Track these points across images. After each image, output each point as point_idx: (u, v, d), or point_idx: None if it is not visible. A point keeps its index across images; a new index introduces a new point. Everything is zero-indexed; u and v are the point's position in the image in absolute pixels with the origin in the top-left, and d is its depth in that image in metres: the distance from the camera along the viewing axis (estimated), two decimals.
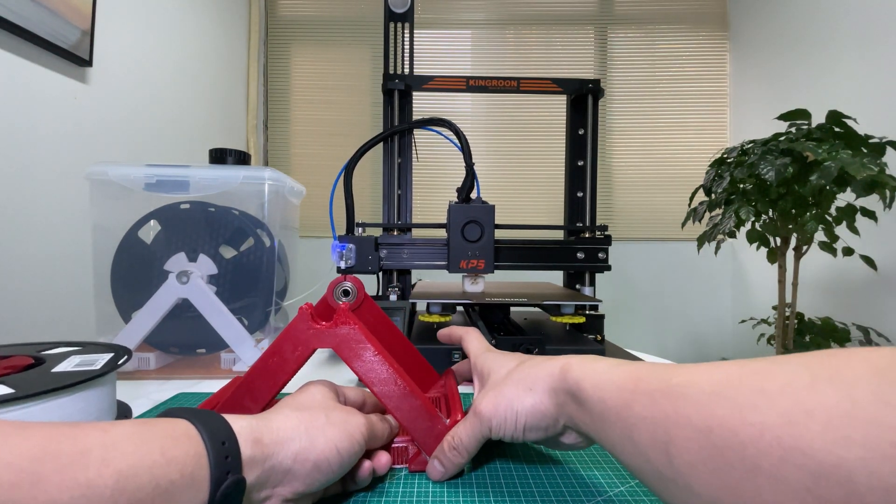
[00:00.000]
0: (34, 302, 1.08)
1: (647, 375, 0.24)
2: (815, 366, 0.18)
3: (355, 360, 0.33)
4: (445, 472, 0.32)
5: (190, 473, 0.20)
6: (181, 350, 0.61)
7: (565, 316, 0.60)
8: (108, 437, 0.19)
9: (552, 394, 0.28)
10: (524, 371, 0.30)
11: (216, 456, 0.22)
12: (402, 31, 0.79)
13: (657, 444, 0.21)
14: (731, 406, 0.19)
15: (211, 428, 0.22)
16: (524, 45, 2.38)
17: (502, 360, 0.34)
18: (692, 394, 0.21)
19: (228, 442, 0.23)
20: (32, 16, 1.04)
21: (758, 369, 0.20)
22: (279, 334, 0.34)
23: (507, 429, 0.29)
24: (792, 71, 1.98)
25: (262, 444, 0.24)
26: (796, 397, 0.17)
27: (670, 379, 0.22)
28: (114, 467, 0.18)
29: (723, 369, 0.21)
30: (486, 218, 0.64)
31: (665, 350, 2.35)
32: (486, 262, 0.64)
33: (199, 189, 0.60)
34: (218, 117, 1.98)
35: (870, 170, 1.09)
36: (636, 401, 0.23)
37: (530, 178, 2.35)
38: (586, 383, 0.26)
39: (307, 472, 0.25)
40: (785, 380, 0.18)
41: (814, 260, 1.53)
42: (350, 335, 0.33)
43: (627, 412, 0.23)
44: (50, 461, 0.17)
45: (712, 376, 0.21)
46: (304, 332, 0.33)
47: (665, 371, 0.23)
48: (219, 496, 0.21)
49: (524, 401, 0.29)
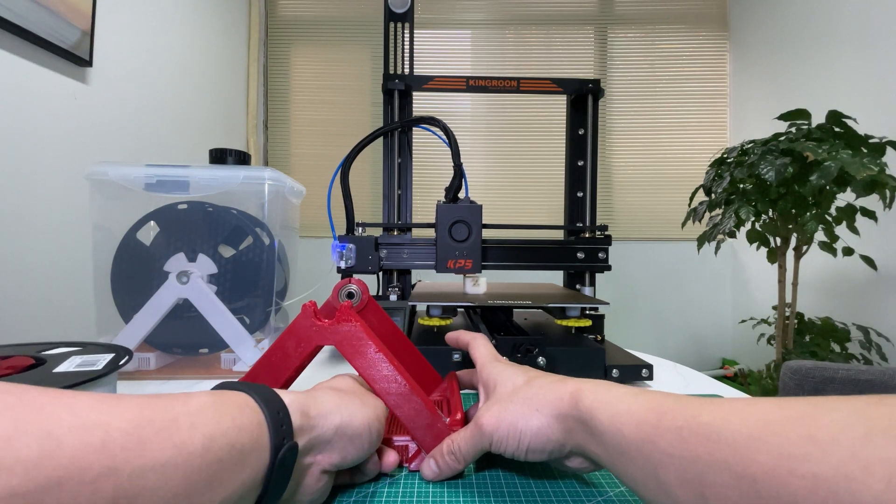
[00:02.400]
0: (34, 302, 1.08)
1: (671, 410, 0.23)
2: (867, 414, 0.17)
3: (357, 357, 0.33)
4: (439, 474, 0.32)
5: (256, 439, 0.23)
6: (184, 350, 0.61)
7: (571, 319, 0.59)
8: (190, 406, 0.21)
9: (560, 419, 0.28)
10: (532, 391, 0.30)
11: (274, 424, 0.24)
12: (402, 31, 0.79)
13: (688, 485, 0.20)
14: (776, 454, 0.18)
15: (267, 399, 0.25)
16: (524, 45, 2.38)
17: (510, 373, 0.33)
18: (727, 436, 0.19)
19: (283, 412, 0.25)
20: (32, 16, 1.04)
21: (801, 413, 0.18)
22: (282, 331, 0.34)
23: (508, 446, 0.29)
24: (792, 71, 1.98)
25: (308, 416, 0.27)
26: (852, 450, 0.16)
27: (698, 416, 0.21)
28: (200, 432, 0.20)
29: (759, 410, 0.20)
30: (474, 217, 0.64)
31: (665, 350, 2.35)
32: (474, 261, 0.64)
33: (199, 189, 0.60)
34: (218, 117, 1.98)
35: (870, 170, 1.09)
36: (660, 437, 0.22)
37: (530, 178, 2.35)
38: (601, 413, 0.25)
39: (343, 445, 0.28)
40: (836, 428, 0.17)
41: (814, 260, 1.53)
42: (352, 332, 0.33)
43: (650, 448, 0.22)
44: (148, 426, 0.19)
45: (747, 417, 0.20)
46: (308, 329, 0.33)
47: (690, 406, 0.22)
48: (279, 459, 0.23)
49: (530, 422, 0.28)
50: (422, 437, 0.33)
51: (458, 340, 0.41)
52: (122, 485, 0.17)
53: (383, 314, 0.43)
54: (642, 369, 0.53)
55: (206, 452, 0.20)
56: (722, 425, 0.20)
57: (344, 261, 0.66)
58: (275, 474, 0.23)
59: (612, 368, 0.53)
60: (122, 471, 0.17)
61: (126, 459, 0.17)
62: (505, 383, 0.32)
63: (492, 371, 0.34)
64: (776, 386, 1.21)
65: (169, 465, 0.18)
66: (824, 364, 0.82)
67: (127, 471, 0.17)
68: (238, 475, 0.21)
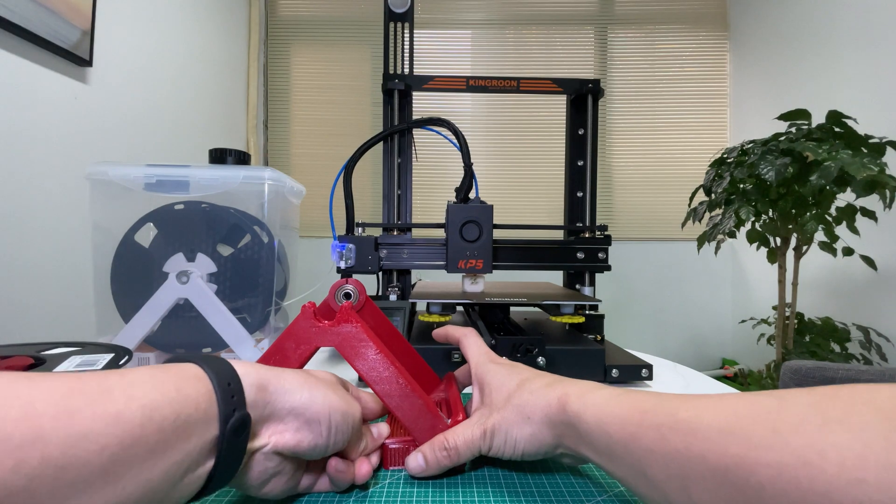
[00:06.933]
0: (34, 302, 1.08)
1: (652, 408, 0.24)
2: (823, 405, 0.19)
3: (357, 358, 0.33)
4: (426, 470, 0.32)
5: (203, 409, 0.22)
6: (186, 350, 0.61)
7: (565, 316, 0.60)
8: (126, 378, 0.21)
9: (550, 425, 0.29)
10: (523, 398, 0.31)
11: (223, 394, 0.23)
12: (402, 31, 0.79)
13: (673, 479, 0.22)
14: (745, 445, 0.19)
15: (216, 370, 0.24)
16: (524, 45, 2.38)
17: (502, 376, 0.33)
18: (702, 430, 0.21)
19: (233, 383, 0.24)
20: (32, 16, 1.04)
21: (767, 407, 0.20)
22: (282, 332, 0.34)
23: (505, 451, 0.30)
24: (792, 71, 1.98)
25: (265, 390, 0.26)
26: (809, 438, 0.18)
27: (676, 413, 0.23)
28: (138, 402, 0.20)
29: (729, 404, 0.21)
30: (485, 218, 0.64)
31: (665, 350, 2.35)
32: (485, 262, 0.64)
33: (199, 189, 0.60)
34: (218, 117, 1.98)
35: (870, 170, 1.09)
36: (643, 434, 0.23)
37: (530, 178, 2.35)
38: (587, 416, 0.26)
39: (298, 427, 0.27)
40: (797, 419, 0.19)
41: (814, 260, 1.53)
42: (353, 333, 0.33)
43: (635, 445, 0.24)
44: (78, 396, 0.19)
45: (719, 412, 0.21)
46: (307, 330, 0.33)
47: (669, 403, 0.24)
48: (228, 430, 0.23)
49: (523, 429, 0.30)
50: (423, 439, 0.33)
51: (448, 336, 0.40)
52: (51, 453, 0.17)
53: (381, 315, 0.42)
54: (642, 369, 0.53)
55: (148, 422, 0.20)
56: (697, 420, 0.22)
57: (344, 261, 0.66)
58: (225, 445, 0.23)
59: (611, 368, 0.53)
60: (49, 439, 0.17)
61: (53, 428, 0.17)
62: (499, 389, 0.32)
63: (485, 374, 0.34)
64: (776, 386, 1.21)
65: (103, 434, 0.18)
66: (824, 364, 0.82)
67: (55, 440, 0.17)
68: (183, 445, 0.21)
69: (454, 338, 0.40)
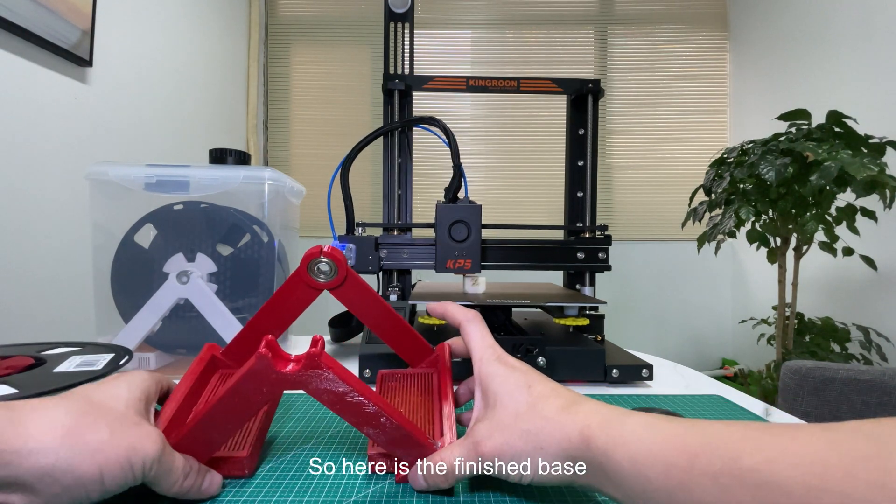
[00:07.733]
0: (34, 302, 1.08)
1: (704, 451, 0.20)
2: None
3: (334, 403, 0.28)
4: (427, 487, 0.29)
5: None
6: (189, 351, 0.61)
7: (569, 318, 0.60)
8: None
9: (569, 459, 0.25)
10: (535, 422, 0.26)
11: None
12: (402, 31, 0.79)
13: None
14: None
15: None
16: (524, 45, 2.38)
17: (511, 388, 0.28)
18: (779, 484, 0.17)
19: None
20: (32, 16, 1.04)
21: (865, 454, 0.16)
22: (236, 374, 0.27)
23: (510, 478, 0.27)
24: (792, 71, 1.98)
25: None
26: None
27: (738, 458, 0.19)
28: None
29: (809, 449, 0.18)
30: (473, 217, 0.64)
31: (665, 350, 2.35)
32: (473, 261, 0.64)
33: (199, 189, 0.60)
34: (218, 117, 1.98)
35: (870, 170, 1.09)
36: (695, 483, 0.20)
37: (530, 178, 2.35)
38: (618, 455, 0.22)
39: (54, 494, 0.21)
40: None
41: (814, 260, 1.53)
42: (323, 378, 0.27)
43: (684, 497, 0.20)
44: None
45: (799, 459, 0.17)
46: (267, 377, 0.27)
47: (724, 443, 0.20)
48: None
49: (534, 460, 0.25)
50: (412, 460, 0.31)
51: (447, 315, 0.35)
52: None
53: (365, 287, 0.36)
54: (642, 369, 0.53)
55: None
56: (769, 471, 0.18)
57: None
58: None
59: (611, 368, 0.53)
60: None
61: None
62: (506, 404, 0.28)
63: (491, 379, 0.30)
64: (776, 386, 1.21)
65: None
66: (824, 364, 0.82)
67: None
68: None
69: (455, 320, 0.35)
